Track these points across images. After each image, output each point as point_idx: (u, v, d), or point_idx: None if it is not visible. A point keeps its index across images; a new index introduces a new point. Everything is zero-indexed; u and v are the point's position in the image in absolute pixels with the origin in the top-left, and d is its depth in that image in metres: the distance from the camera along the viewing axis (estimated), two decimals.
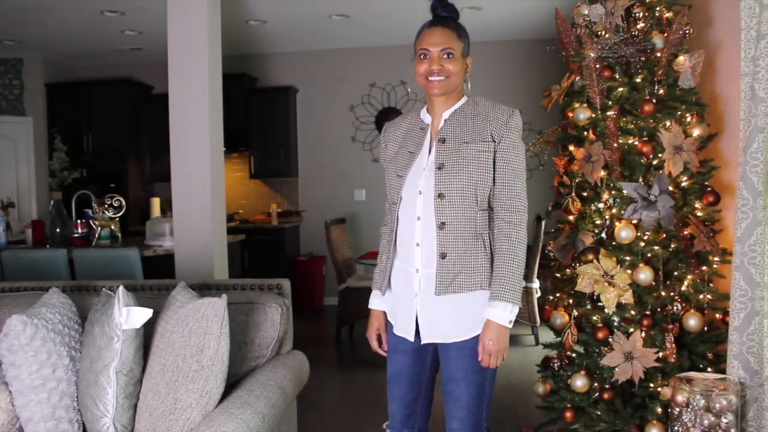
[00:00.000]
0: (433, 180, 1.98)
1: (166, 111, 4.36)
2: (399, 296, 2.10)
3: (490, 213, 2.01)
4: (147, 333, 2.06)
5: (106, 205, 5.21)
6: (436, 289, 1.97)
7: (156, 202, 5.75)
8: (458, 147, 1.99)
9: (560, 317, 2.70)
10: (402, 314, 2.09)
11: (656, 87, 2.60)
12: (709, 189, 2.55)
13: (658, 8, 2.65)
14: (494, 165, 1.99)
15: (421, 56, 2.03)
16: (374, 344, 2.22)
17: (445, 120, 2.05)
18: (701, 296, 2.54)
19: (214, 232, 4.38)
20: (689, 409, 2.13)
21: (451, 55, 2.00)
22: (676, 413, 2.17)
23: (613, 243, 2.59)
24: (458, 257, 1.96)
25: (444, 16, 2.10)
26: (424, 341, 2.05)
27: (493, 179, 2.00)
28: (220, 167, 4.49)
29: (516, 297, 1.92)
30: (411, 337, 2.07)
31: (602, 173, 2.58)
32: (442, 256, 1.96)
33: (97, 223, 5.12)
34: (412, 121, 2.14)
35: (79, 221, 5.15)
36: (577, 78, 2.82)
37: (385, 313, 2.19)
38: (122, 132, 7.23)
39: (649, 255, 2.53)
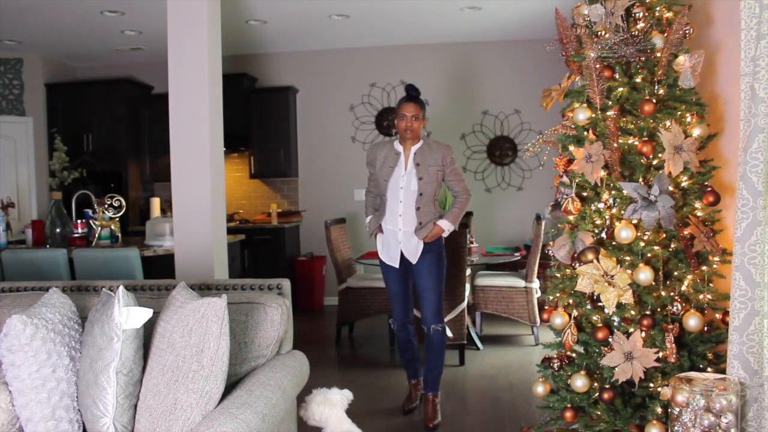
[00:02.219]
0: (415, 184, 3.69)
1: (166, 111, 4.36)
2: (387, 243, 3.81)
3: (435, 202, 3.77)
4: (147, 333, 2.06)
5: (106, 205, 5.21)
6: (414, 238, 3.72)
7: (156, 202, 5.74)
8: (427, 168, 3.70)
9: (560, 317, 2.70)
10: (390, 253, 3.80)
11: (656, 87, 2.60)
12: (709, 189, 2.55)
13: (658, 8, 2.64)
14: (444, 177, 3.75)
15: (401, 118, 3.67)
16: (375, 233, 3.85)
17: (415, 153, 3.72)
18: (701, 296, 2.54)
19: (214, 232, 4.38)
20: (689, 409, 2.13)
21: (416, 118, 3.66)
22: (676, 413, 2.17)
23: (613, 243, 2.59)
24: (425, 223, 3.71)
25: (413, 95, 3.69)
26: (412, 262, 3.75)
27: (446, 182, 3.80)
28: (220, 167, 4.49)
29: (453, 225, 3.75)
30: (397, 265, 3.79)
31: (602, 173, 2.58)
32: (420, 223, 3.71)
33: (97, 223, 5.12)
34: (389, 149, 3.78)
35: (79, 221, 5.15)
36: (577, 78, 2.82)
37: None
38: (122, 132, 7.23)
39: (649, 255, 2.53)
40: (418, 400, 3.97)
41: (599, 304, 2.61)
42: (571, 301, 2.70)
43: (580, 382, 2.59)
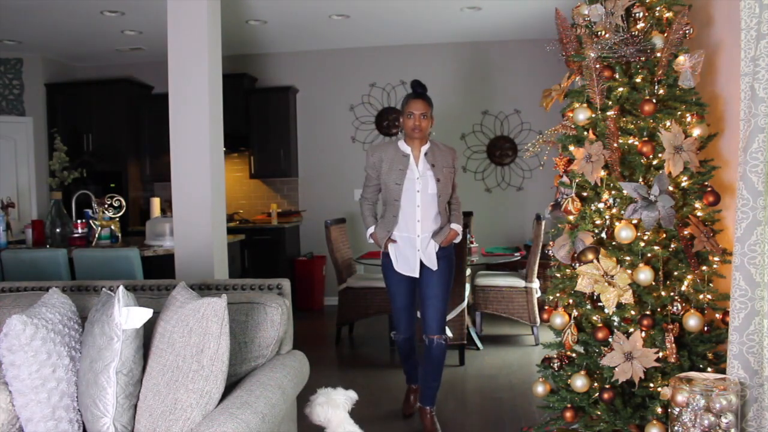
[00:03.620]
0: (434, 186, 3.47)
1: (166, 111, 4.36)
2: (403, 253, 3.52)
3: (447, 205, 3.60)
4: (147, 333, 2.06)
5: (106, 205, 5.21)
6: (432, 243, 3.50)
7: (156, 202, 5.74)
8: (442, 169, 3.50)
9: (560, 317, 2.70)
10: (406, 261, 3.52)
11: (656, 87, 2.60)
12: (709, 189, 2.55)
13: (658, 8, 2.64)
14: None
15: (409, 116, 3.45)
16: (386, 244, 3.54)
17: (426, 153, 3.50)
18: (701, 296, 2.54)
19: (214, 232, 4.37)
20: (689, 409, 2.13)
21: (425, 116, 3.44)
22: (676, 413, 2.17)
23: (613, 243, 2.59)
24: (443, 227, 3.55)
25: (420, 91, 3.49)
26: (433, 269, 3.50)
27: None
28: (220, 167, 4.49)
29: (460, 226, 3.59)
30: (417, 275, 3.51)
31: (602, 173, 2.58)
32: (439, 228, 3.54)
33: (97, 223, 5.11)
34: (395, 150, 3.53)
35: (79, 221, 5.15)
36: (577, 78, 2.82)
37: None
38: (122, 132, 7.23)
39: (649, 255, 2.53)
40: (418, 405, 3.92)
41: (599, 304, 2.61)
42: (571, 301, 2.70)
43: (580, 382, 2.59)
